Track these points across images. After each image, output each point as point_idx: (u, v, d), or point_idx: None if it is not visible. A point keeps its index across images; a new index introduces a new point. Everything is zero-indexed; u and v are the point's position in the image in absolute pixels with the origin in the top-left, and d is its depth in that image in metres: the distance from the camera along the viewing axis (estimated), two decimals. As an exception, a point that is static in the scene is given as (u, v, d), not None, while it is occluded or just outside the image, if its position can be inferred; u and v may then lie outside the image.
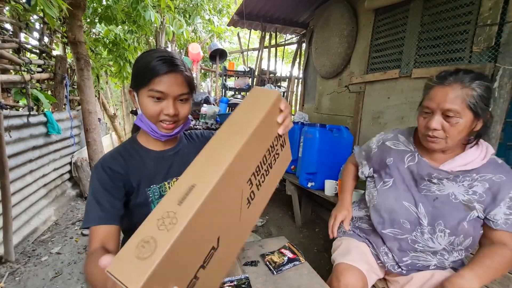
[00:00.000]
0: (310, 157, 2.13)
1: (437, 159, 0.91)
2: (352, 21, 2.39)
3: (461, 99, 0.77)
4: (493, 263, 0.79)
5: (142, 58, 0.78)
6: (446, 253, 0.91)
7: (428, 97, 0.84)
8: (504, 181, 0.83)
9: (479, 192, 0.84)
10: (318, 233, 2.50)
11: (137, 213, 0.83)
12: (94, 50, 4.40)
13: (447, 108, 0.78)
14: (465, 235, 0.86)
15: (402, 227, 0.92)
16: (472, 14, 1.50)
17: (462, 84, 0.78)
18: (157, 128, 0.79)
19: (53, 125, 2.56)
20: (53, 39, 3.22)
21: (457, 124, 0.78)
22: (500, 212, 0.82)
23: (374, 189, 1.01)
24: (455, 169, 0.86)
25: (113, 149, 0.85)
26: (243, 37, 5.79)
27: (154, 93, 0.73)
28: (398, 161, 0.96)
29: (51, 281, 1.76)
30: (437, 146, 0.84)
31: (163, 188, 0.86)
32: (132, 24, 3.83)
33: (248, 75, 3.45)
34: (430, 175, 0.89)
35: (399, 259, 0.95)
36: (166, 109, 0.75)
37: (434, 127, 0.80)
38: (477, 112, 0.78)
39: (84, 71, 2.96)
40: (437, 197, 0.88)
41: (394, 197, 0.94)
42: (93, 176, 0.77)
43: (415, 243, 0.91)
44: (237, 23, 3.68)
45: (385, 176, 0.99)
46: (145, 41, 6.05)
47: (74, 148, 3.25)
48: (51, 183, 2.73)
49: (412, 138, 0.98)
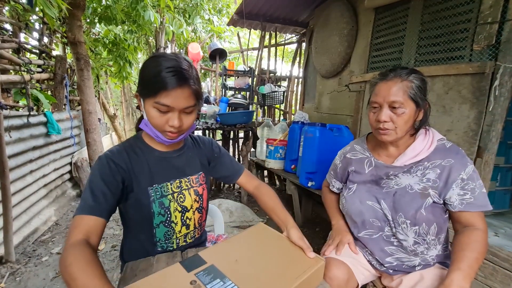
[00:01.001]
0: (310, 156, 2.13)
1: (391, 155, 0.99)
2: (352, 20, 2.39)
3: (403, 91, 0.86)
4: (473, 252, 0.81)
5: (151, 65, 0.75)
6: (423, 248, 0.92)
7: (374, 93, 0.92)
8: (453, 163, 0.88)
9: (432, 178, 0.90)
10: (318, 232, 2.50)
11: (137, 211, 0.84)
12: (94, 50, 4.39)
13: (392, 100, 0.87)
14: (427, 222, 0.89)
15: (373, 226, 0.97)
16: (472, 12, 1.49)
17: (401, 78, 0.88)
18: (162, 135, 0.80)
19: (53, 125, 2.56)
20: (53, 39, 3.22)
21: (403, 114, 0.87)
22: (454, 194, 0.87)
23: (342, 197, 1.08)
24: (407, 162, 0.94)
25: (117, 144, 0.86)
26: (243, 36, 5.78)
27: (160, 106, 0.73)
28: (359, 168, 1.05)
29: (52, 281, 1.76)
30: (389, 138, 0.91)
31: (165, 188, 0.86)
32: (132, 24, 3.82)
33: (248, 74, 3.44)
34: (387, 174, 0.97)
35: (382, 260, 0.97)
36: (171, 121, 0.76)
37: (384, 119, 0.88)
38: (417, 102, 0.87)
39: (84, 71, 2.96)
40: (396, 191, 0.94)
41: (359, 200, 1.00)
42: (95, 166, 0.77)
43: (390, 238, 0.95)
44: (237, 23, 3.67)
45: (349, 184, 1.06)
46: (145, 41, 6.04)
47: (74, 148, 3.25)
48: (52, 183, 2.73)
49: (365, 145, 1.07)
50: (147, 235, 0.86)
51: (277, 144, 2.74)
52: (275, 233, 0.83)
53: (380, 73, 0.94)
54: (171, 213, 0.86)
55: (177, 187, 0.88)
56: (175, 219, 0.87)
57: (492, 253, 1.26)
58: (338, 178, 1.16)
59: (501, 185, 1.72)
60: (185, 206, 0.89)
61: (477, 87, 1.46)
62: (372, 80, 0.96)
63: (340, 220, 1.11)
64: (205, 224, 1.03)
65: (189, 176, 0.92)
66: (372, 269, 1.04)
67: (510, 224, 1.61)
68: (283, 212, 0.90)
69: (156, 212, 0.83)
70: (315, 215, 2.85)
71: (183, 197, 0.89)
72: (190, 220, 0.92)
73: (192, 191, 0.91)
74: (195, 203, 0.92)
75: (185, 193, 0.89)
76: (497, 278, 1.26)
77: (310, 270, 0.65)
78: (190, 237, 0.94)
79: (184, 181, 0.90)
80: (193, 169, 0.94)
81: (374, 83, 0.94)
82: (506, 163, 1.71)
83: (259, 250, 0.73)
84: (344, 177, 1.12)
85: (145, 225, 0.85)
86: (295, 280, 0.61)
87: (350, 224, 1.07)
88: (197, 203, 0.93)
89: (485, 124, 1.42)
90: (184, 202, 0.89)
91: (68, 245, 0.63)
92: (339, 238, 1.03)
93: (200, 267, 0.64)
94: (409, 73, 0.88)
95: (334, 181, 1.18)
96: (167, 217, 0.86)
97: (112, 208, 0.75)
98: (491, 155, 1.42)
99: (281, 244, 0.77)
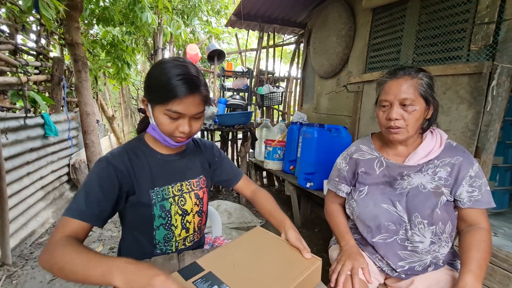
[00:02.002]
0: (308, 157, 2.12)
1: (400, 154, 0.97)
2: (350, 21, 2.39)
3: (414, 88, 0.86)
4: (481, 253, 0.82)
5: (159, 72, 0.75)
6: (436, 246, 0.91)
7: (384, 92, 0.91)
8: (462, 161, 0.89)
9: (443, 176, 0.90)
10: (317, 233, 2.49)
11: (138, 213, 0.83)
12: (92, 52, 4.39)
13: (403, 97, 0.86)
14: (443, 221, 0.89)
15: (388, 230, 0.94)
16: (469, 12, 1.49)
17: (410, 75, 0.87)
18: (171, 140, 0.80)
19: (51, 127, 2.55)
20: (50, 41, 3.21)
21: (414, 112, 0.86)
22: (464, 191, 0.88)
23: (352, 201, 1.03)
24: (420, 161, 0.92)
25: (120, 146, 0.85)
26: (241, 38, 5.79)
27: (172, 113, 0.74)
28: (369, 169, 1.01)
29: (49, 284, 1.75)
30: (400, 137, 0.89)
31: (166, 191, 0.86)
32: (129, 25, 3.82)
33: (246, 75, 3.44)
34: (401, 174, 0.94)
35: (395, 265, 0.94)
36: (181, 127, 0.76)
37: (395, 117, 0.87)
38: (427, 99, 0.87)
39: (81, 72, 2.94)
40: (408, 191, 0.92)
41: (373, 203, 0.96)
42: (94, 168, 0.77)
43: (405, 242, 0.92)
44: (235, 24, 3.67)
45: (359, 186, 1.01)
46: (144, 43, 6.04)
47: (72, 150, 3.24)
48: (49, 185, 2.72)
49: (372, 145, 1.04)
50: (147, 237, 0.85)
51: (275, 145, 2.73)
52: (272, 236, 0.83)
53: (388, 71, 0.93)
54: (172, 216, 0.86)
55: (178, 190, 0.88)
56: (175, 222, 0.87)
57: (491, 253, 1.26)
58: (346, 182, 1.08)
59: (499, 185, 1.71)
60: (185, 210, 0.89)
61: (474, 87, 1.46)
62: (381, 79, 0.94)
63: (351, 241, 1.00)
64: (205, 228, 1.03)
65: (190, 180, 0.92)
66: (381, 275, 1.02)
67: (508, 224, 1.61)
68: (281, 215, 0.91)
69: (157, 215, 0.83)
70: (314, 216, 2.85)
71: (184, 200, 0.89)
72: (190, 223, 0.91)
73: (192, 195, 0.91)
74: (195, 207, 0.92)
75: (186, 197, 0.89)
76: (496, 278, 1.25)
77: (306, 272, 0.66)
78: (189, 241, 0.94)
79: (185, 184, 0.90)
80: (194, 173, 0.94)
81: (383, 82, 0.93)
82: (504, 163, 1.70)
83: (256, 254, 0.73)
84: (352, 180, 1.06)
85: (145, 227, 0.84)
86: (291, 282, 0.62)
87: (362, 229, 1.01)
88: (197, 207, 0.93)
89: (483, 124, 1.42)
90: (184, 206, 0.88)
91: (54, 241, 0.63)
92: (350, 263, 0.89)
93: (198, 275, 0.64)
94: (418, 71, 0.88)
95: (341, 186, 1.09)
96: (168, 220, 0.85)
97: (104, 214, 0.74)
98: (489, 155, 1.41)
99: (278, 247, 0.77)
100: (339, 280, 0.87)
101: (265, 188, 3.74)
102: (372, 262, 1.01)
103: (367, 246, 1.01)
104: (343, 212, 1.11)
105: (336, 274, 0.90)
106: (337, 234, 1.06)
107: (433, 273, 0.93)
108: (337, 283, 0.88)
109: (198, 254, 0.82)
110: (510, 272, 1.21)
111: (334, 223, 1.09)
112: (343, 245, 0.99)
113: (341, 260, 0.93)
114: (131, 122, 7.47)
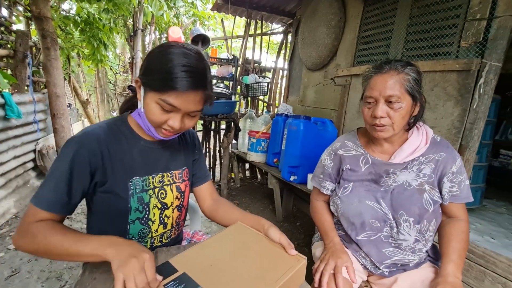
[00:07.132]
0: (293, 150, 2.07)
1: (386, 151, 0.95)
2: (340, 11, 2.33)
3: (400, 84, 0.82)
4: (461, 243, 0.85)
5: (165, 55, 0.65)
6: (421, 245, 0.91)
7: (369, 87, 0.87)
8: (445, 157, 0.89)
9: (427, 173, 0.89)
10: (299, 227, 2.47)
11: (110, 203, 0.73)
12: (64, 29, 4.04)
13: (388, 94, 0.82)
14: (428, 219, 0.88)
15: (372, 227, 0.92)
16: (461, 8, 1.47)
17: (397, 70, 0.83)
18: (156, 132, 0.72)
19: (12, 108, 2.30)
20: (13, 12, 2.89)
21: (400, 109, 0.83)
22: (446, 188, 0.88)
23: (336, 198, 1.00)
24: (406, 159, 0.91)
25: (99, 124, 0.74)
26: (227, 26, 5.59)
27: (165, 105, 0.65)
28: (354, 165, 0.98)
29: (6, 281, 1.59)
30: (385, 135, 0.87)
31: (147, 182, 0.77)
32: (107, 2, 3.53)
33: (232, 63, 3.30)
34: (387, 171, 0.92)
35: (378, 263, 0.93)
36: (171, 121, 0.68)
37: (380, 115, 0.83)
38: (414, 95, 0.83)
39: (50, 50, 2.69)
40: (393, 188, 0.91)
41: (357, 199, 0.94)
42: (66, 150, 0.66)
43: (389, 239, 0.91)
44: (221, 8, 3.51)
45: (344, 183, 0.99)
46: (123, 23, 5.67)
47: (38, 135, 2.98)
48: (11, 172, 2.49)
49: (357, 141, 1.01)
50: (118, 231, 0.76)
51: (259, 137, 2.66)
52: (253, 232, 0.77)
53: (374, 65, 0.89)
54: (150, 210, 0.78)
55: (159, 181, 0.80)
56: (153, 217, 0.79)
57: (468, 250, 1.27)
58: (330, 179, 1.05)
59: (473, 182, 1.76)
60: (165, 203, 0.81)
61: (462, 84, 1.45)
62: (366, 74, 0.90)
63: (336, 238, 0.97)
64: (183, 224, 0.94)
65: (173, 171, 0.84)
66: (365, 272, 1.00)
67: (480, 220, 1.66)
68: (254, 216, 0.85)
69: (134, 207, 0.74)
70: (296, 209, 2.83)
71: (165, 193, 0.81)
72: (169, 218, 0.84)
73: (174, 187, 0.84)
74: (175, 201, 0.84)
75: (167, 189, 0.82)
76: (472, 274, 1.27)
77: (290, 272, 0.61)
78: (166, 237, 0.86)
79: (167, 176, 0.82)
80: (177, 164, 0.86)
81: (368, 77, 0.89)
82: (479, 162, 1.75)
83: (236, 253, 0.67)
84: (337, 177, 1.04)
85: (117, 219, 0.75)
86: (275, 284, 0.56)
87: (346, 226, 0.98)
88: (178, 201, 0.85)
89: (468, 122, 1.42)
90: (165, 199, 0.81)
91: (28, 226, 0.62)
92: (334, 261, 0.87)
93: (170, 277, 0.57)
94: (405, 66, 0.84)
95: (325, 183, 1.06)
96: (145, 213, 0.77)
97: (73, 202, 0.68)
98: (472, 153, 1.42)
99: (259, 244, 0.71)
100: (323, 280, 0.84)
101: (248, 181, 3.70)
102: (356, 260, 0.99)
103: (351, 244, 0.99)
104: (328, 210, 1.09)
105: (319, 273, 0.87)
106: (321, 232, 1.04)
107: (416, 271, 0.92)
108: (321, 283, 0.84)
109: (173, 251, 0.76)
110: (486, 268, 1.23)
111: (319, 221, 1.06)
112: (327, 243, 0.97)
113: (324, 258, 0.90)
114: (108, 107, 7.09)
